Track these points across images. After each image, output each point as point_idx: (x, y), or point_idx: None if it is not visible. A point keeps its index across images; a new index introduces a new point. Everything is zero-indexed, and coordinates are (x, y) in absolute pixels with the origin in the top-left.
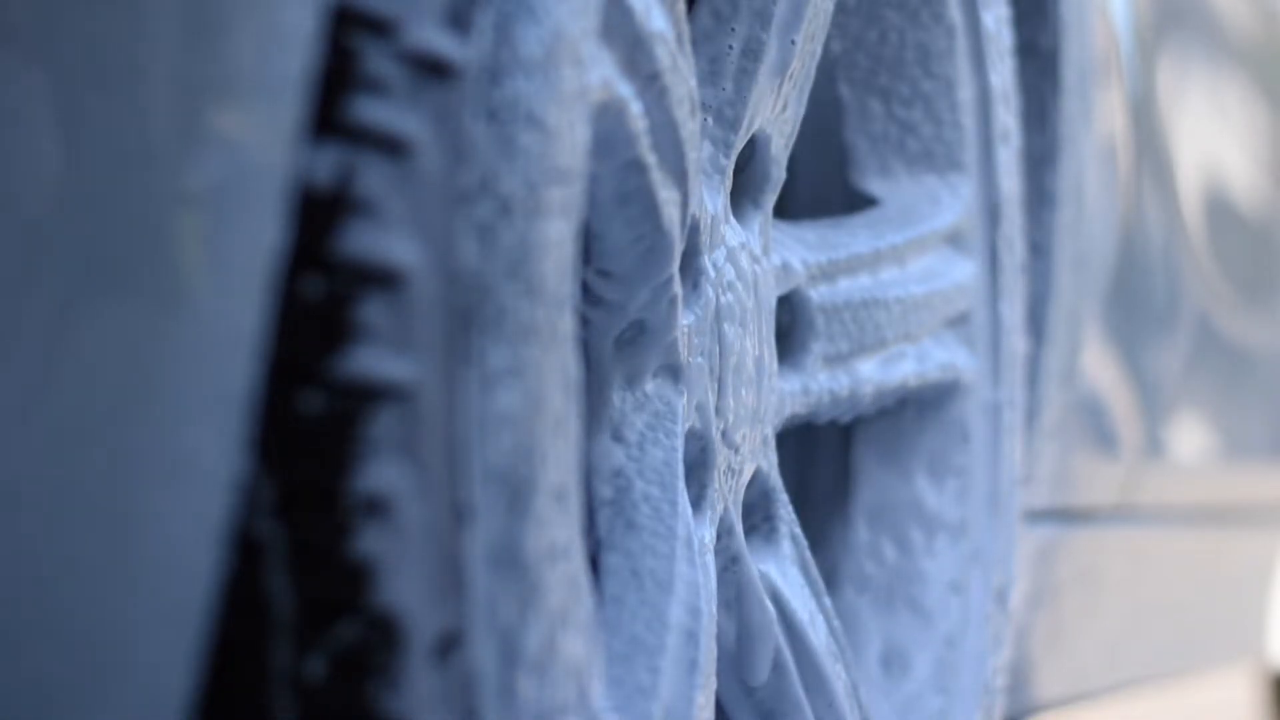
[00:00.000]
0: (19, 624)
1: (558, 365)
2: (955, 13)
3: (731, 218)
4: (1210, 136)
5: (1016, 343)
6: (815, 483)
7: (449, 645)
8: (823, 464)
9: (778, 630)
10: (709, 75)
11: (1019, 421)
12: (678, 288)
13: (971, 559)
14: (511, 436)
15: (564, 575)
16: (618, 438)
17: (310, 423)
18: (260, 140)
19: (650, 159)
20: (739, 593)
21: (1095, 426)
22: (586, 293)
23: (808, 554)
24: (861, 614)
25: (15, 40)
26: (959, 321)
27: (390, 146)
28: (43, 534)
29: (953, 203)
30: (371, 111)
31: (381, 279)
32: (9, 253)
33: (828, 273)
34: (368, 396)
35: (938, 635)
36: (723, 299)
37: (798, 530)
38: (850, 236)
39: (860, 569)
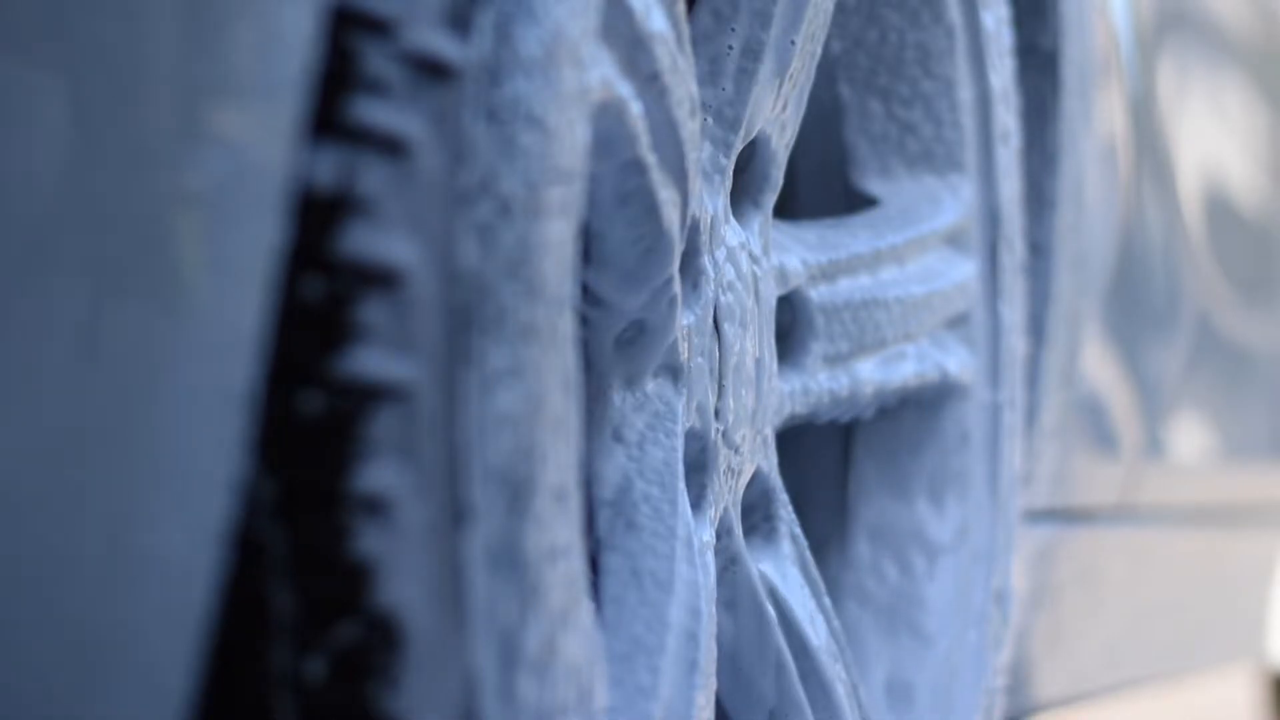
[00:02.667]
0: (19, 624)
1: (558, 365)
2: (955, 13)
3: (731, 218)
4: (1210, 136)
5: (1016, 343)
6: (813, 486)
7: (448, 646)
8: (821, 467)
9: (777, 630)
10: (709, 75)
11: (1019, 422)
12: (678, 288)
13: (972, 560)
14: (511, 436)
15: (564, 575)
16: (618, 438)
17: (310, 423)
18: (260, 140)
19: (650, 159)
20: (738, 593)
21: (1095, 426)
22: (586, 293)
23: (808, 554)
24: (865, 631)
25: (16, 40)
26: (959, 322)
27: (390, 147)
28: (43, 534)
29: (953, 203)
30: (371, 112)
31: (381, 279)
32: (9, 253)
33: (828, 273)
34: (367, 396)
35: (939, 657)
36: (723, 299)
37: (798, 530)
38: (850, 236)
39: (861, 584)
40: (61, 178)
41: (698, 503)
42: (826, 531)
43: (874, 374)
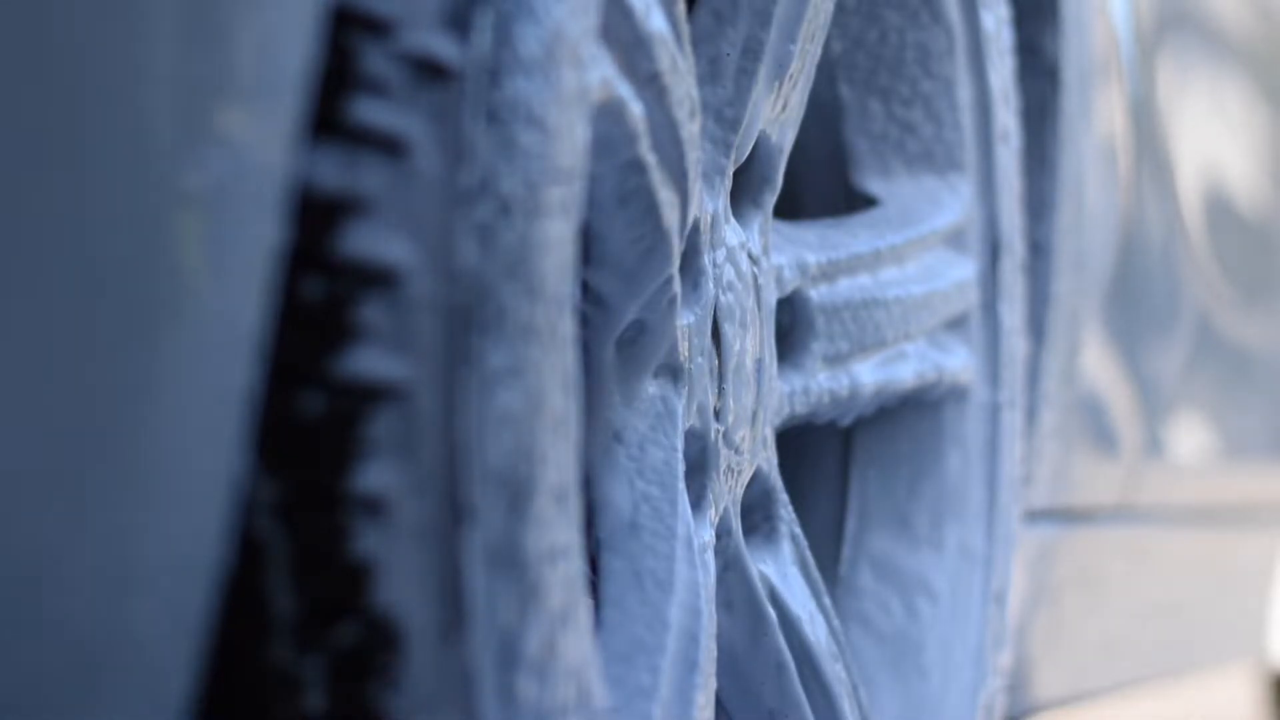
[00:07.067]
0: (19, 624)
1: (558, 365)
2: (955, 13)
3: (731, 218)
4: (1210, 136)
5: (1016, 343)
6: (813, 486)
7: (448, 646)
8: (821, 468)
9: (777, 631)
10: (709, 75)
11: (1019, 422)
12: (678, 288)
13: (970, 561)
14: (511, 436)
15: (564, 576)
16: (618, 438)
17: (310, 423)
18: (260, 140)
19: (650, 159)
20: (738, 594)
21: (1095, 426)
22: (586, 293)
23: (808, 554)
24: (871, 662)
25: (15, 40)
26: (958, 322)
27: (389, 147)
28: (43, 534)
29: (953, 203)
30: (371, 112)
31: (380, 279)
32: (9, 252)
33: (828, 273)
34: (367, 396)
35: (946, 699)
36: (723, 299)
37: (798, 530)
38: (850, 236)
39: (865, 612)
40: (62, 178)
41: (698, 503)
42: (827, 533)
43: (874, 374)
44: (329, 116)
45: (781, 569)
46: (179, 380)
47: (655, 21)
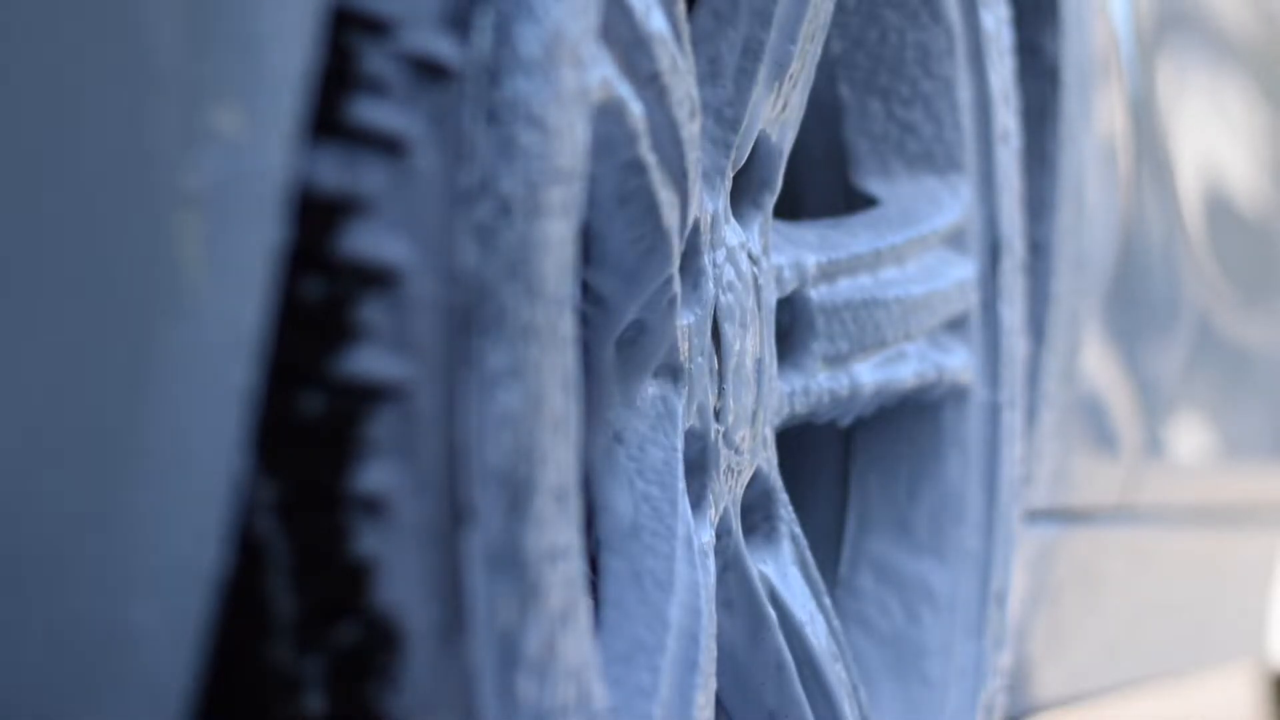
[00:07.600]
0: (19, 624)
1: (558, 365)
2: (955, 13)
3: (731, 218)
4: (1210, 136)
5: (1016, 343)
6: (813, 486)
7: (448, 646)
8: (821, 468)
9: (777, 631)
10: (709, 75)
11: (1019, 422)
12: (678, 288)
13: (970, 562)
14: (511, 437)
15: (563, 576)
16: (618, 438)
17: (310, 423)
18: (260, 140)
19: (650, 159)
20: (738, 594)
21: (1095, 426)
22: (586, 293)
23: (808, 554)
24: (869, 659)
25: (15, 39)
26: (958, 322)
27: (389, 147)
28: (43, 534)
29: (953, 203)
30: (370, 112)
31: (380, 279)
32: (9, 252)
33: (828, 273)
34: (366, 396)
35: (946, 699)
36: (723, 299)
37: (798, 530)
38: (850, 236)
39: (865, 614)
40: (63, 178)
41: (698, 503)
42: (827, 533)
43: (874, 374)
44: (329, 116)
45: (781, 569)
46: (179, 380)
47: (655, 21)
